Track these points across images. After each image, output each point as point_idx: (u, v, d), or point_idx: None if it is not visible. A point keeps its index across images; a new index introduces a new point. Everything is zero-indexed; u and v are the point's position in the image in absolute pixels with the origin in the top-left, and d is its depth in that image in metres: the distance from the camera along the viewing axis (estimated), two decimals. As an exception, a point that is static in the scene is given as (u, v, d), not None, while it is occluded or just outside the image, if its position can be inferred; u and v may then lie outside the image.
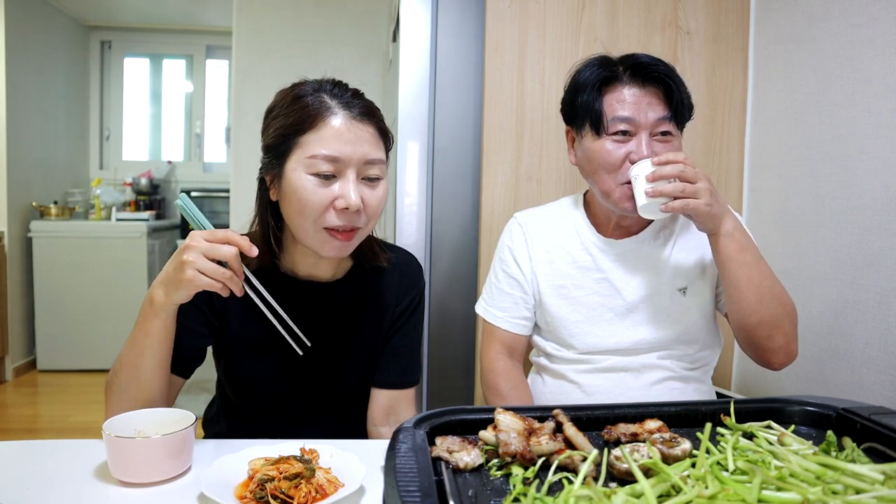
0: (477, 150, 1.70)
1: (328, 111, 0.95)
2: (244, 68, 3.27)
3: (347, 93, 0.99)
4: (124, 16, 4.53)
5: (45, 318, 3.87)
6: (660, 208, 1.05)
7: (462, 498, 0.59)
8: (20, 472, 0.84)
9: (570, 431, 0.67)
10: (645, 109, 1.11)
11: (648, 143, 1.11)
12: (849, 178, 1.32)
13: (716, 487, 0.53)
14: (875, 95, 1.25)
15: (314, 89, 0.98)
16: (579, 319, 1.22)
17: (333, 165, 0.94)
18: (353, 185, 0.95)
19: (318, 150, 0.93)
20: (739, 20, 1.68)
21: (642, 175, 1.07)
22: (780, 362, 1.10)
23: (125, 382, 0.94)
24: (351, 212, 0.95)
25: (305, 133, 0.95)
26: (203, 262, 0.86)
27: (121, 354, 0.95)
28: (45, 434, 2.98)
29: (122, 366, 0.94)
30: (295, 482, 0.76)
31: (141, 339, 0.92)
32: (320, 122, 0.95)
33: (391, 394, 1.14)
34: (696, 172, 1.03)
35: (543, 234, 1.28)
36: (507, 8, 1.64)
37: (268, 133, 1.00)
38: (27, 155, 3.87)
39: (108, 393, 0.97)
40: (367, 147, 0.96)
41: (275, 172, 0.99)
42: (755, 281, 1.05)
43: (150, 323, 0.91)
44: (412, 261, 1.19)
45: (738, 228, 1.06)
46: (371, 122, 0.98)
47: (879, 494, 0.52)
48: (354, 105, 0.98)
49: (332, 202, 0.95)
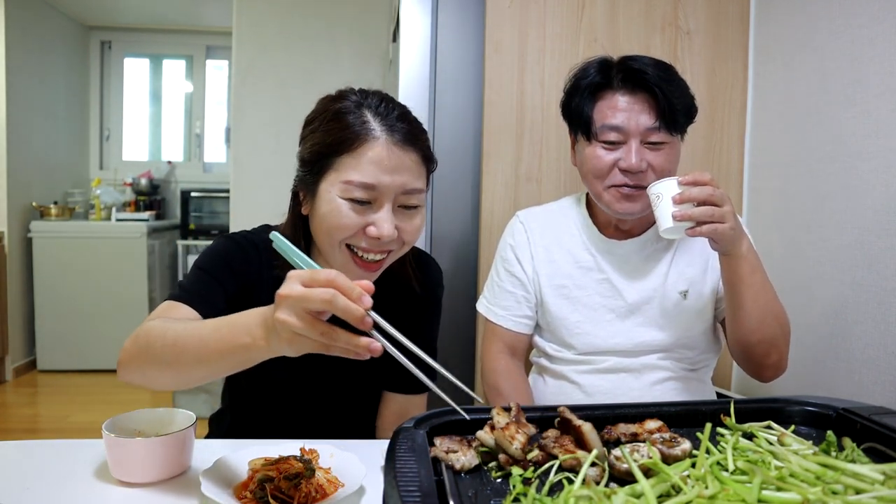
0: (477, 150, 1.70)
1: (369, 134, 0.90)
2: (244, 68, 3.27)
3: (393, 112, 0.93)
4: (124, 16, 4.53)
5: (45, 318, 3.87)
6: (686, 232, 1.00)
7: (462, 498, 0.59)
8: (20, 472, 0.84)
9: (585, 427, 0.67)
10: (635, 118, 1.10)
11: (638, 150, 1.10)
12: (849, 178, 1.32)
13: (716, 487, 0.53)
14: (875, 96, 1.25)
15: (357, 104, 0.93)
16: (580, 320, 1.22)
17: (369, 193, 0.89)
18: (389, 215, 0.90)
19: (355, 177, 0.89)
20: (739, 20, 1.68)
21: (666, 195, 1.00)
22: (771, 377, 1.14)
23: (166, 360, 0.80)
24: (381, 241, 0.91)
25: (343, 154, 0.90)
26: (296, 321, 0.65)
27: (178, 335, 0.78)
28: (45, 434, 2.98)
29: (173, 347, 0.78)
30: (295, 482, 0.76)
31: (210, 353, 0.75)
32: (360, 146, 0.89)
33: (404, 399, 1.13)
34: (722, 195, 0.98)
35: (546, 234, 1.28)
36: (507, 8, 1.64)
37: (305, 146, 0.96)
38: (27, 155, 3.87)
39: (137, 347, 0.83)
40: (408, 176, 0.91)
41: (308, 188, 0.95)
42: (760, 302, 1.05)
43: (235, 355, 0.74)
44: (434, 268, 1.16)
45: (750, 250, 1.05)
46: (415, 148, 0.93)
47: (879, 494, 0.52)
48: (397, 129, 0.91)
49: (363, 228, 0.91)
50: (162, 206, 4.63)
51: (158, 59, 4.91)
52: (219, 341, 0.74)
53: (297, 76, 3.24)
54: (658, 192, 1.02)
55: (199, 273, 0.98)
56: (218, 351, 0.74)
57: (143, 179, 4.52)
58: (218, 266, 0.98)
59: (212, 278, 0.97)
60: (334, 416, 1.12)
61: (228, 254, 1.00)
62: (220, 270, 0.98)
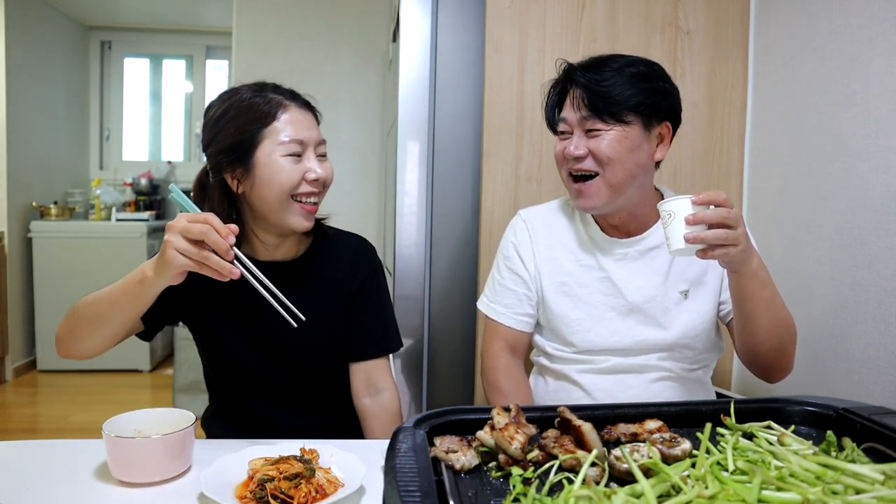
0: (477, 151, 1.70)
1: (283, 105, 1.10)
2: (244, 68, 3.27)
3: (287, 90, 1.14)
4: (124, 16, 4.53)
5: (45, 318, 3.86)
6: (697, 254, 0.96)
7: (462, 498, 0.59)
8: (20, 472, 0.84)
9: (585, 427, 0.67)
10: (575, 109, 1.16)
11: (580, 138, 1.16)
12: (849, 178, 1.32)
13: (716, 487, 0.53)
14: (875, 95, 1.25)
15: (256, 92, 1.11)
16: (581, 317, 1.22)
17: (300, 147, 1.09)
18: (316, 161, 1.12)
19: (287, 136, 1.08)
20: (739, 20, 1.68)
21: (679, 214, 0.95)
22: (780, 378, 1.16)
23: (86, 318, 1.00)
24: (319, 182, 1.11)
25: (270, 124, 1.08)
26: (181, 242, 0.88)
27: (96, 295, 1.00)
28: (45, 434, 2.98)
29: (91, 304, 1.00)
30: (295, 482, 0.76)
31: (118, 297, 0.97)
32: (281, 113, 1.09)
33: (366, 365, 1.22)
34: (736, 216, 0.94)
35: (547, 232, 1.28)
36: (507, 8, 1.64)
37: (222, 137, 1.09)
38: (27, 155, 3.87)
39: (67, 316, 1.04)
40: (316, 130, 1.14)
41: (242, 166, 1.09)
42: (770, 314, 1.06)
43: (132, 290, 0.95)
44: (363, 241, 1.30)
45: (760, 266, 1.03)
46: (311, 110, 1.16)
47: (879, 494, 0.52)
48: (298, 98, 1.14)
49: (302, 175, 1.09)
50: (162, 206, 4.63)
51: (158, 59, 4.91)
52: (121, 286, 0.96)
53: (297, 76, 3.23)
54: (670, 209, 0.97)
55: None
56: (123, 291, 0.96)
57: (143, 179, 4.52)
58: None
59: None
60: (311, 398, 1.20)
61: None
62: None
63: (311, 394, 1.20)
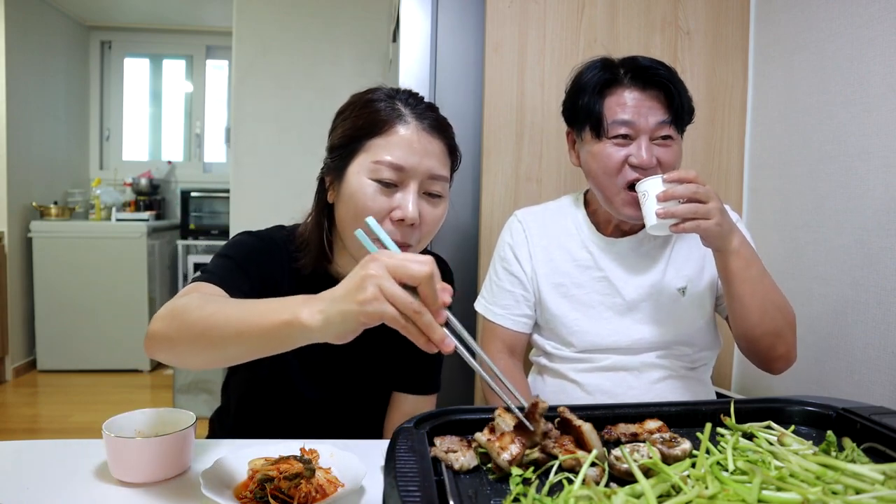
0: (477, 150, 1.70)
1: (399, 118, 0.94)
2: (244, 68, 3.27)
3: (421, 104, 0.97)
4: (124, 16, 4.53)
5: (45, 318, 3.87)
6: (670, 228, 1.02)
7: (462, 498, 0.59)
8: (20, 472, 0.84)
9: (585, 427, 0.67)
10: (645, 113, 1.10)
11: (648, 147, 1.10)
12: (849, 178, 1.32)
13: (716, 487, 0.53)
14: (875, 95, 1.25)
15: (388, 95, 0.97)
16: (578, 317, 1.22)
17: (397, 174, 0.91)
18: (414, 198, 0.92)
19: (384, 157, 0.91)
20: (739, 20, 1.68)
21: (652, 192, 1.03)
22: (781, 368, 1.13)
23: (196, 333, 0.75)
24: (406, 225, 0.92)
25: (374, 137, 0.93)
26: (393, 286, 0.62)
27: (219, 313, 0.74)
28: (45, 434, 2.98)
29: (209, 319, 0.74)
30: (295, 482, 0.76)
31: (250, 329, 0.70)
32: (390, 128, 0.93)
33: (416, 399, 1.13)
34: (707, 191, 1.00)
35: (544, 232, 1.28)
36: (507, 8, 1.64)
37: (335, 133, 0.98)
38: (27, 155, 3.87)
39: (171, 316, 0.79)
40: (434, 162, 0.94)
41: (336, 174, 0.96)
42: (759, 295, 1.06)
43: (271, 331, 0.68)
44: (444, 268, 1.17)
45: (743, 244, 1.05)
46: (441, 137, 0.96)
47: (879, 494, 0.52)
48: (427, 117, 0.96)
49: (389, 212, 0.92)
50: (162, 206, 4.63)
51: (158, 59, 4.91)
52: (257, 317, 0.69)
53: (297, 76, 3.25)
54: (644, 189, 1.05)
55: (226, 261, 0.96)
56: (258, 326, 0.69)
57: (143, 179, 4.52)
58: (243, 257, 0.98)
59: (238, 267, 0.96)
60: (341, 416, 1.11)
61: (253, 248, 1.01)
62: (245, 261, 0.97)
63: (350, 416, 1.12)
